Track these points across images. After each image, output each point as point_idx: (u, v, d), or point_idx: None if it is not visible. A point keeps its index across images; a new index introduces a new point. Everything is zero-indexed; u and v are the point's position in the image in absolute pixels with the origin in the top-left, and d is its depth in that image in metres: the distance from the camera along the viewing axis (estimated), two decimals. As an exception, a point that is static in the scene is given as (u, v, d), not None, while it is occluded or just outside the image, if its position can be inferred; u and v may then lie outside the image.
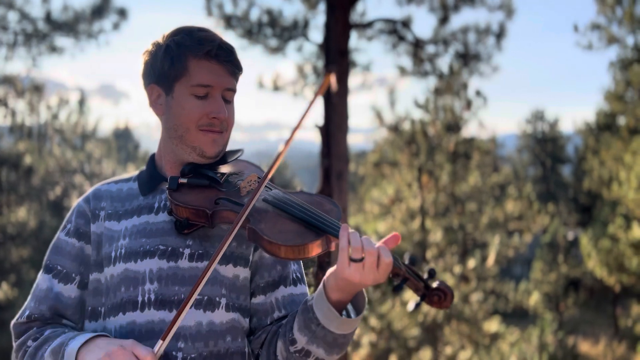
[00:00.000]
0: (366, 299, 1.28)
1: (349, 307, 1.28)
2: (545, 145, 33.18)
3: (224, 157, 1.41)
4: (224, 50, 1.34)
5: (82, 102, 14.82)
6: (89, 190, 1.48)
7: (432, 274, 1.18)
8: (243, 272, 1.35)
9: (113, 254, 1.34)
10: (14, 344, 1.38)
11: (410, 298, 12.09)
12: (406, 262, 1.19)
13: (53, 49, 12.09)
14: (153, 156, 1.46)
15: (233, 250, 1.35)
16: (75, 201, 1.49)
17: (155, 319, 1.28)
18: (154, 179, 1.41)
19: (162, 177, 1.40)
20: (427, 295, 1.17)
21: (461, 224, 13.22)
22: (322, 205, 1.29)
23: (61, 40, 12.24)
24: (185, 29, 1.38)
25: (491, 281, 13.55)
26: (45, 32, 11.94)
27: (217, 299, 1.31)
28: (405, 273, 1.17)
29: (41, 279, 1.40)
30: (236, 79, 1.38)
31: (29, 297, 1.41)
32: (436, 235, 12.83)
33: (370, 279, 1.15)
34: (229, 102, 1.38)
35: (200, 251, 1.32)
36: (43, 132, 13.69)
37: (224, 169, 1.40)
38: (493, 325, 12.53)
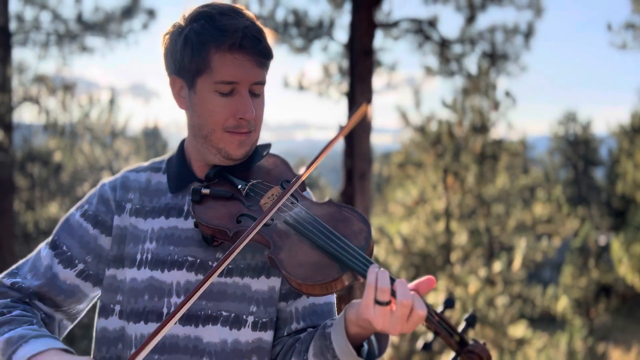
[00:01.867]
0: (390, 338, 1.18)
1: (373, 338, 1.18)
2: (577, 147, 32.48)
3: (255, 153, 1.33)
4: (250, 39, 1.19)
5: (112, 101, 15.11)
6: (118, 174, 1.39)
7: (470, 323, 1.06)
8: (278, 282, 1.27)
9: (139, 257, 1.27)
10: None
11: (436, 300, 11.96)
12: (440, 308, 1.07)
13: (84, 49, 12.38)
14: (183, 145, 1.36)
15: (265, 260, 1.25)
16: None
17: (180, 334, 1.23)
18: (183, 178, 1.32)
19: (192, 175, 1.32)
20: (461, 354, 1.05)
21: (487, 226, 13.02)
22: (351, 223, 1.17)
23: (92, 40, 12.53)
24: (206, 12, 1.22)
25: (518, 285, 13.30)
26: (77, 33, 12.23)
27: (245, 316, 1.24)
28: (437, 326, 1.04)
29: (45, 253, 1.32)
30: (266, 69, 1.25)
31: (24, 262, 1.34)
32: (461, 238, 12.66)
33: (396, 329, 1.02)
34: (257, 95, 1.25)
35: (230, 266, 1.25)
36: (74, 130, 14.01)
37: (251, 171, 1.32)
38: (519, 330, 12.30)
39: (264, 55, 1.22)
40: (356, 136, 7.96)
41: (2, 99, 12.08)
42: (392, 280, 1.05)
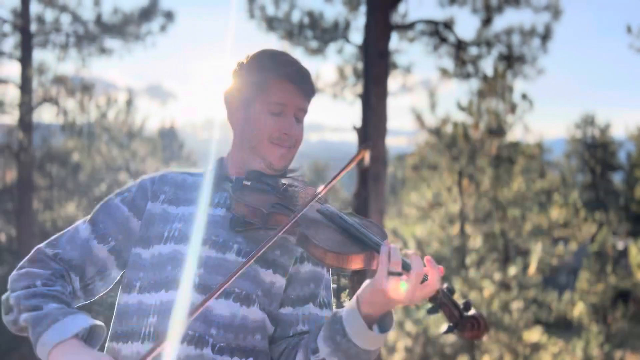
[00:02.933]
0: (394, 320, 1.30)
1: (375, 326, 1.27)
2: (595, 151, 32.07)
3: (285, 174, 1.50)
4: (300, 74, 1.45)
5: (129, 102, 15.27)
6: (158, 172, 1.56)
7: (467, 306, 1.19)
8: (280, 281, 1.40)
9: (166, 234, 1.41)
10: (25, 262, 1.40)
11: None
12: (444, 289, 1.20)
13: (102, 50, 12.54)
14: (221, 159, 1.55)
15: (275, 257, 1.40)
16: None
17: (195, 302, 1.33)
18: (219, 177, 1.49)
19: (227, 177, 1.49)
20: (460, 322, 1.17)
21: (503, 230, 12.91)
22: (370, 228, 1.34)
23: (110, 42, 12.69)
24: (268, 51, 1.50)
25: (533, 290, 13.17)
26: (96, 34, 12.39)
27: (254, 296, 1.36)
28: (442, 298, 1.18)
29: (83, 228, 1.46)
30: (309, 101, 1.49)
31: (63, 235, 1.46)
32: (476, 241, 12.57)
33: (407, 295, 1.17)
34: (299, 121, 1.48)
35: (248, 249, 1.38)
36: (92, 130, 14.18)
37: (284, 181, 1.49)
38: (534, 335, 12.17)
39: (310, 89, 1.48)
40: (371, 138, 7.96)
41: (23, 99, 12.28)
42: (408, 263, 1.19)
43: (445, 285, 1.21)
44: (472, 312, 1.18)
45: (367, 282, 1.23)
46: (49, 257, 1.41)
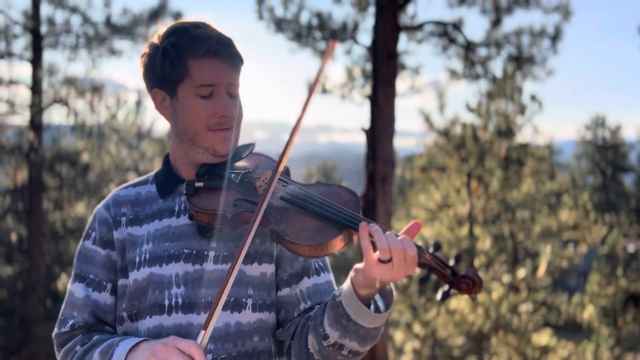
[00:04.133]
0: (394, 291, 1.29)
1: (377, 296, 1.27)
2: (605, 152, 31.83)
3: (237, 153, 1.40)
4: (222, 45, 1.31)
5: (139, 103, 15.35)
6: (108, 196, 1.48)
7: (458, 259, 1.16)
8: (270, 269, 1.37)
9: (137, 259, 1.35)
10: (59, 353, 1.39)
11: (458, 305, 11.83)
12: (431, 250, 1.17)
13: (112, 52, 12.61)
14: (167, 157, 1.45)
15: (257, 247, 1.36)
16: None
17: (183, 322, 1.30)
18: (171, 181, 1.40)
19: (179, 179, 1.40)
20: (455, 282, 1.15)
21: (512, 232, 12.83)
22: (341, 196, 1.28)
23: (120, 43, 12.76)
24: (179, 27, 1.34)
25: (542, 292, 13.08)
26: (105, 35, 12.46)
27: (244, 299, 1.32)
28: (431, 262, 1.15)
29: (75, 288, 1.40)
30: (239, 72, 1.36)
31: (65, 307, 1.42)
32: (485, 243, 12.50)
33: (400, 275, 1.15)
34: (234, 96, 1.35)
35: (225, 253, 1.33)
36: (102, 131, 14.27)
37: (239, 165, 1.39)
38: (543, 337, 12.08)
39: (236, 59, 1.34)
40: (379, 139, 7.93)
41: (33, 100, 12.38)
42: (384, 232, 1.16)
43: (431, 247, 1.17)
44: (464, 270, 1.15)
45: (357, 266, 1.21)
46: (68, 333, 1.38)
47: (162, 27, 1.38)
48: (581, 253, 13.91)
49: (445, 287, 1.16)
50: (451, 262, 1.17)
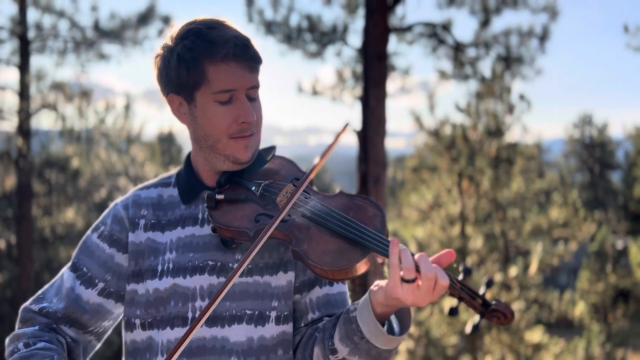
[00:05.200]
0: (412, 315, 1.24)
1: (392, 317, 1.23)
2: (593, 150, 32.15)
3: (260, 158, 1.37)
4: (240, 47, 1.25)
5: (128, 107, 15.27)
6: (129, 193, 1.43)
7: (489, 284, 1.11)
8: (293, 276, 1.33)
9: (160, 268, 1.31)
10: (17, 324, 1.37)
11: (452, 304, 11.86)
12: (460, 276, 1.11)
13: (100, 56, 12.53)
14: (189, 158, 1.40)
15: (282, 256, 1.32)
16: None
17: (207, 336, 1.27)
18: (194, 188, 1.36)
19: (202, 185, 1.36)
20: (486, 314, 1.09)
21: (503, 230, 12.92)
22: (365, 210, 1.23)
23: (108, 47, 12.68)
24: (193, 29, 1.27)
25: (534, 290, 13.17)
26: (93, 40, 12.37)
27: (268, 312, 1.29)
28: (460, 292, 1.10)
29: (66, 276, 1.38)
30: (257, 73, 1.30)
31: (50, 286, 1.40)
32: (476, 242, 12.57)
33: (425, 301, 1.09)
34: (254, 99, 1.31)
35: (249, 266, 1.30)
36: (91, 136, 14.18)
37: (261, 172, 1.36)
38: (536, 335, 12.17)
39: (254, 61, 1.28)
40: (370, 140, 7.96)
41: (21, 105, 12.26)
42: (413, 255, 1.11)
43: (460, 275, 1.11)
44: (495, 304, 1.09)
45: (377, 284, 1.16)
46: (35, 313, 1.35)
47: (174, 27, 1.32)
48: (571, 250, 14.04)
49: (476, 319, 1.10)
50: (482, 290, 1.11)
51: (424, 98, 13.59)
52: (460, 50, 9.56)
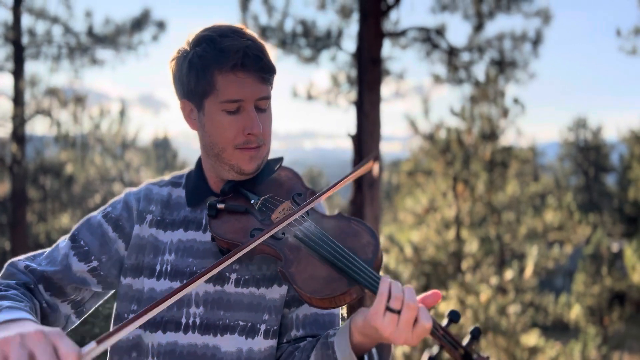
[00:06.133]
0: (392, 352, 1.20)
1: (373, 351, 1.18)
2: (588, 153, 32.28)
3: (268, 167, 1.37)
4: (251, 57, 1.22)
5: (122, 112, 15.24)
6: (142, 186, 1.44)
7: (475, 335, 1.05)
8: (285, 289, 1.32)
9: (158, 268, 1.31)
10: None
11: (448, 308, 11.87)
12: (445, 323, 1.06)
13: (94, 61, 12.52)
14: (200, 161, 1.41)
15: (277, 269, 1.29)
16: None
17: (199, 343, 1.26)
18: (201, 192, 1.37)
19: (208, 189, 1.37)
20: None
21: (498, 234, 12.94)
22: (359, 237, 1.20)
23: (102, 53, 12.68)
24: (207, 36, 1.26)
25: (530, 293, 13.19)
26: (88, 45, 12.37)
27: (258, 325, 1.28)
28: (442, 340, 1.04)
29: (63, 244, 1.35)
30: (270, 84, 1.28)
31: (43, 252, 1.37)
32: (472, 246, 12.59)
33: (401, 337, 1.03)
34: (263, 110, 1.28)
35: (246, 276, 1.29)
36: (85, 141, 14.14)
37: (266, 183, 1.36)
38: (532, 338, 12.18)
39: (266, 72, 1.25)
40: (365, 144, 7.97)
41: (15, 111, 12.23)
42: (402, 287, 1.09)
43: (445, 321, 1.05)
44: (477, 357, 1.03)
45: (361, 310, 1.12)
46: (18, 270, 1.30)
47: (194, 31, 1.32)
48: (566, 253, 14.08)
49: (434, 351, 1.04)
50: (466, 340, 1.05)
51: (418, 102, 13.63)
52: (454, 55, 9.60)
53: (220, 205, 1.30)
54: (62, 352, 0.96)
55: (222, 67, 1.22)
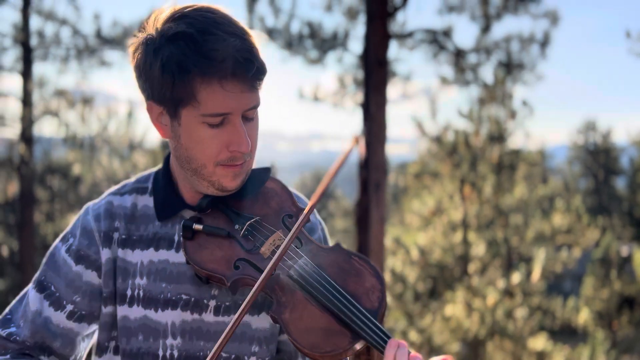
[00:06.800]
0: None
1: None
2: (597, 156, 32.05)
3: (252, 180, 1.19)
4: (242, 64, 1.02)
5: (130, 114, 15.30)
6: (103, 198, 1.25)
7: None
8: None
9: (129, 293, 1.17)
10: None
11: (454, 311, 11.81)
12: None
13: (102, 63, 12.60)
14: (168, 164, 1.21)
15: (265, 296, 1.17)
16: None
17: None
18: (172, 204, 1.18)
19: (181, 202, 1.19)
20: None
21: (505, 237, 12.86)
22: (363, 279, 1.06)
23: (110, 54, 12.76)
24: (185, 33, 1.02)
25: (537, 297, 13.09)
26: (96, 47, 12.45)
27: (246, 357, 1.16)
28: None
29: (32, 296, 1.20)
30: (260, 88, 1.09)
31: (18, 306, 1.23)
32: (479, 249, 12.52)
33: None
34: (251, 119, 1.11)
35: (227, 303, 1.16)
36: (93, 142, 14.21)
37: (249, 202, 1.18)
38: (539, 342, 12.08)
39: (257, 76, 1.06)
40: (371, 146, 7.95)
41: (24, 112, 12.32)
42: (409, 353, 1.00)
43: None
44: None
45: None
46: (3, 339, 1.19)
47: (160, 12, 1.09)
48: (575, 257, 13.96)
49: None
50: None
51: (425, 104, 13.57)
52: (461, 56, 9.56)
53: (198, 227, 1.13)
54: None
55: (206, 76, 1.02)
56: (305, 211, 1.06)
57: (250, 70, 1.03)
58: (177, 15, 1.06)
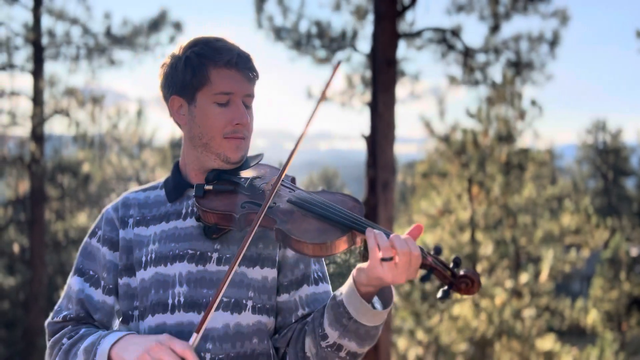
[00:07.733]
0: (393, 291, 1.32)
1: (377, 303, 1.31)
2: (606, 156, 31.81)
3: (246, 162, 1.46)
4: (242, 58, 1.39)
5: (140, 113, 15.39)
6: (118, 198, 1.53)
7: (457, 262, 1.20)
8: (271, 273, 1.40)
9: (144, 259, 1.40)
10: (48, 342, 1.43)
11: (462, 311, 11.79)
12: (432, 252, 1.21)
13: (112, 62, 12.67)
14: (177, 164, 1.50)
15: (260, 252, 1.40)
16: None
17: (185, 321, 1.33)
18: (180, 186, 1.46)
19: (188, 184, 1.45)
20: (455, 283, 1.18)
21: (514, 237, 12.82)
22: (345, 203, 1.33)
23: (120, 54, 12.83)
24: (202, 39, 1.42)
25: (545, 297, 13.04)
26: (106, 46, 12.53)
27: (244, 301, 1.36)
28: (432, 263, 1.19)
29: (73, 281, 1.46)
30: (254, 85, 1.43)
31: (62, 298, 1.48)
32: (487, 249, 12.49)
33: (403, 277, 1.17)
34: (248, 107, 1.42)
35: (227, 255, 1.37)
36: (103, 141, 14.30)
37: (247, 173, 1.44)
38: (547, 343, 12.04)
39: (253, 72, 1.41)
40: (379, 146, 7.95)
41: (34, 111, 12.42)
42: (388, 236, 1.20)
43: (432, 251, 1.21)
44: (463, 271, 1.19)
45: (360, 265, 1.24)
46: (59, 324, 1.43)
47: (183, 41, 1.46)
48: (584, 257, 13.89)
49: (445, 287, 1.19)
50: (450, 265, 1.21)
51: (434, 103, 13.56)
52: (470, 56, 9.54)
53: (208, 187, 1.37)
54: (178, 351, 1.22)
55: (217, 63, 1.37)
56: (293, 148, 1.32)
57: (248, 63, 1.40)
58: (195, 37, 1.44)
